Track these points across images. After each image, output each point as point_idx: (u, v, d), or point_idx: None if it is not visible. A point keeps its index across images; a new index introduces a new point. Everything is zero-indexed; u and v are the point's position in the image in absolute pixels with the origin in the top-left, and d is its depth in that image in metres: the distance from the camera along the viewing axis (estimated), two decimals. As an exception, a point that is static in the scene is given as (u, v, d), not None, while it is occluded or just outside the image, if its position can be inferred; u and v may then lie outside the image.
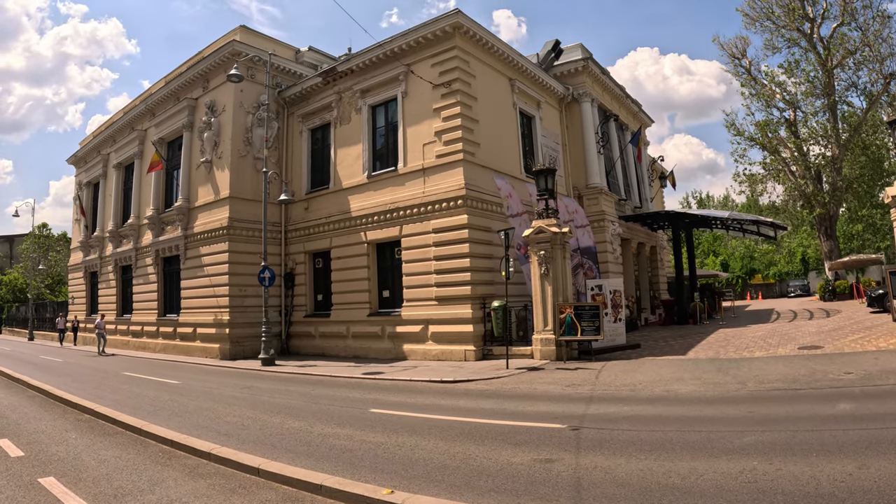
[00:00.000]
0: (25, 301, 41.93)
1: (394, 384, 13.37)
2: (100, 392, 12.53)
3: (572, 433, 7.27)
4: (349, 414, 9.60)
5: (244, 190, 21.19)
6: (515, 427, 7.84)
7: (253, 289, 20.74)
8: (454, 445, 6.98)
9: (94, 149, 30.64)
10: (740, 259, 50.25)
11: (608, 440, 6.85)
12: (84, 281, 30.85)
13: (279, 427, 8.59)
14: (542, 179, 17.03)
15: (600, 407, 8.95)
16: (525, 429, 7.70)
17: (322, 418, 9.24)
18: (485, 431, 7.70)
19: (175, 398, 11.68)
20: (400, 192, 18.47)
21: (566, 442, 6.88)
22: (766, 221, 23.88)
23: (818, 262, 43.34)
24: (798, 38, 30.56)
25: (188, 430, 8.33)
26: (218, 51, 21.58)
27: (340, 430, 8.20)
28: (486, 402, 10.12)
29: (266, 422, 9.05)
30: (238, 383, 14.18)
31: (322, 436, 7.90)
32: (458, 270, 16.91)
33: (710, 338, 18.50)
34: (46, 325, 35.99)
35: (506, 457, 6.32)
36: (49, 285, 47.87)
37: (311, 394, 12.20)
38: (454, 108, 17.65)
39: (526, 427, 7.78)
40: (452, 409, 9.60)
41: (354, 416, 9.33)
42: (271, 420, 9.19)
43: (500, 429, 7.81)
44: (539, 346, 15.63)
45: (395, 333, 18.08)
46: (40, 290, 42.27)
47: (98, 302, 29.11)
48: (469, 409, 9.56)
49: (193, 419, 9.32)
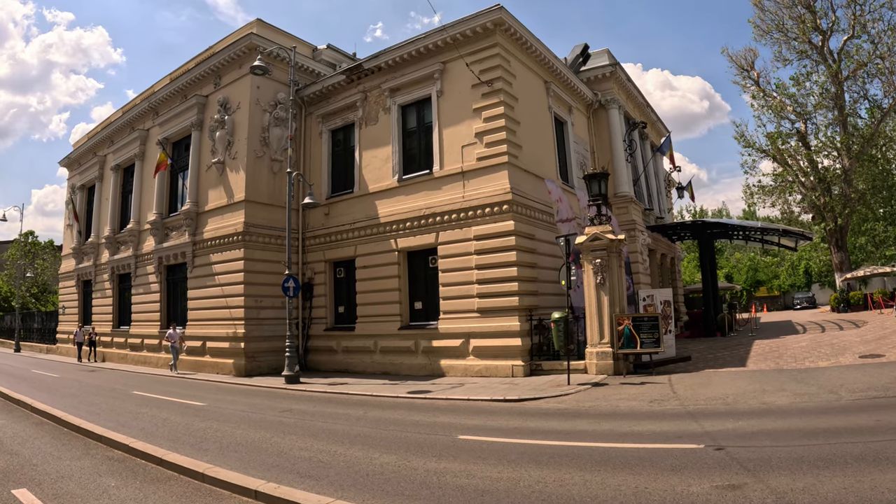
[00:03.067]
0: (10, 310, 38.91)
1: (452, 404, 11.81)
2: (119, 418, 10.60)
3: (718, 453, 6.39)
4: (437, 442, 8.07)
5: (260, 193, 19.35)
6: (650, 450, 6.80)
7: (269, 300, 18.89)
8: (606, 476, 5.87)
9: (89, 150, 28.34)
10: (745, 271, 49.73)
11: (768, 458, 6.05)
12: (76, 290, 28.37)
13: (368, 462, 6.96)
14: (595, 184, 15.72)
15: (714, 423, 8.02)
16: (663, 451, 6.68)
17: (410, 449, 7.68)
18: (620, 457, 6.57)
19: (212, 425, 9.84)
20: (435, 196, 16.88)
21: (726, 464, 5.99)
22: (795, 231, 22.98)
23: (821, 274, 43.07)
24: (808, 50, 30.03)
25: (258, 470, 6.62)
26: (233, 45, 19.80)
27: (449, 465, 6.66)
28: (580, 423, 8.93)
29: (346, 456, 7.36)
30: (273, 405, 12.34)
31: (431, 473, 6.37)
32: (503, 280, 15.35)
33: (755, 349, 17.60)
34: (34, 336, 33.19)
35: (678, 486, 5.39)
36: (35, 294, 44.65)
37: (368, 417, 10.50)
38: (497, 109, 16.18)
39: (662, 449, 6.78)
40: (550, 433, 8.34)
41: (446, 445, 7.81)
42: (350, 453, 7.50)
43: (633, 453, 6.72)
44: (595, 360, 14.28)
45: (430, 348, 16.40)
46: (26, 300, 39.17)
47: (92, 312, 26.72)
48: (569, 432, 8.32)
49: (254, 455, 7.53)
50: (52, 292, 47.14)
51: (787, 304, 44.34)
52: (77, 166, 29.60)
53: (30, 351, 32.10)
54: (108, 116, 27.48)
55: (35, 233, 49.29)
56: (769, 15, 30.70)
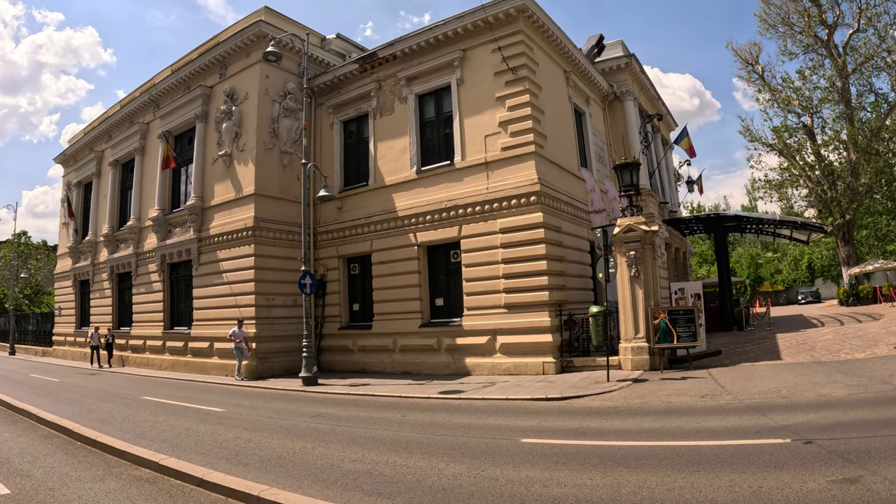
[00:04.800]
0: (3, 312, 37.17)
1: (492, 404, 10.96)
2: (136, 428, 9.50)
3: (810, 447, 6.04)
4: (501, 447, 7.30)
5: (270, 187, 18.26)
6: (738, 447, 6.33)
7: (281, 298, 17.84)
8: (711, 477, 5.35)
9: (86, 145, 26.95)
10: (747, 266, 49.23)
11: (866, 449, 5.71)
12: (73, 290, 26.98)
13: (437, 474, 6.11)
14: (627, 174, 14.91)
15: (785, 417, 7.60)
16: (752, 448, 6.23)
17: (476, 455, 6.85)
18: (711, 456, 6.06)
19: (242, 435, 8.80)
20: (457, 188, 15.93)
21: (826, 457, 5.64)
22: (813, 224, 22.39)
23: (823, 269, 42.73)
24: (814, 43, 29.50)
25: (316, 489, 5.74)
26: (239, 33, 18.68)
27: (530, 473, 5.96)
28: (642, 421, 8.36)
29: (409, 467, 6.47)
30: (299, 409, 11.33)
31: (516, 483, 5.66)
32: (532, 274, 14.46)
33: (782, 343, 17.07)
34: (29, 339, 31.65)
35: (793, 483, 4.99)
36: (28, 295, 42.81)
37: (409, 421, 9.58)
38: (522, 97, 15.28)
39: (750, 446, 6.33)
40: (616, 433, 7.74)
41: (513, 450, 7.05)
42: (411, 463, 6.61)
43: (722, 451, 6.23)
44: (630, 356, 13.52)
45: (454, 346, 15.45)
46: (19, 301, 37.44)
47: (90, 313, 25.38)
48: (637, 431, 7.74)
49: (304, 470, 6.54)
50: (46, 293, 45.39)
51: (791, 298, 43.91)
52: (73, 163, 28.18)
53: (25, 354, 30.58)
54: (106, 110, 26.16)
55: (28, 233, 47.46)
56: (774, 9, 30.17)
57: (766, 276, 49.77)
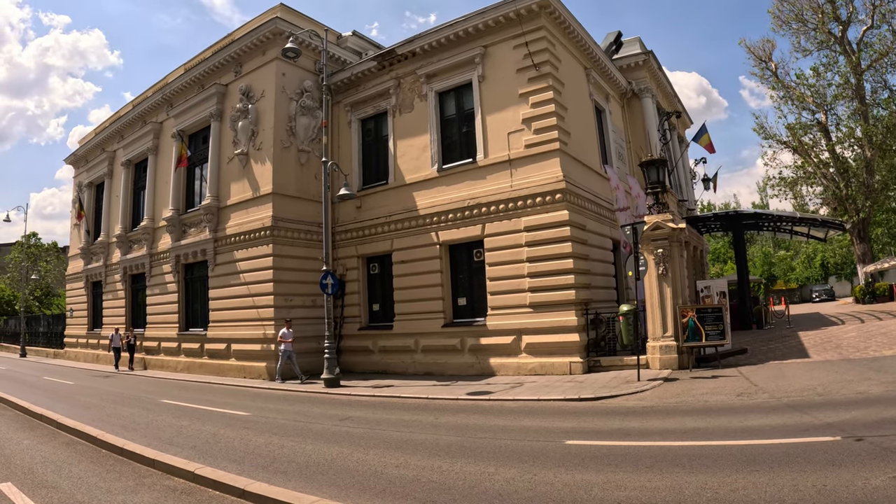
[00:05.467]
0: (13, 314, 36.84)
1: (524, 405, 10.66)
2: (161, 434, 9.13)
3: (862, 444, 5.90)
4: (547, 449, 7.06)
5: (288, 186, 17.92)
6: (789, 445, 6.15)
7: (300, 298, 17.49)
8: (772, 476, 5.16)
9: (97, 146, 26.62)
10: (760, 265, 48.75)
11: None
12: (85, 291, 26.65)
13: (489, 479, 5.85)
14: (654, 171, 14.57)
15: (828, 414, 7.42)
16: (804, 446, 6.10)
17: (523, 459, 6.60)
18: (765, 455, 5.85)
19: (273, 440, 8.45)
20: (480, 186, 15.58)
21: (882, 454, 5.53)
22: (833, 222, 22.00)
23: (837, 266, 42.29)
24: (828, 40, 29.12)
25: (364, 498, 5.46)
26: (255, 31, 18.34)
27: (586, 476, 5.78)
28: (685, 420, 8.11)
29: (457, 472, 6.18)
30: (326, 412, 11.00)
31: (575, 487, 5.46)
32: (558, 273, 14.11)
33: (806, 341, 16.85)
34: (40, 340, 31.32)
35: (856, 481, 4.84)
36: (38, 297, 42.48)
37: (443, 424, 9.26)
38: (545, 94, 14.93)
39: (802, 444, 6.18)
40: (661, 433, 7.53)
41: (561, 453, 6.81)
42: (458, 468, 6.31)
43: (775, 450, 6.01)
44: (658, 355, 13.22)
45: (478, 346, 15.10)
46: (29, 303, 37.10)
47: (102, 315, 25.06)
48: (683, 431, 7.50)
49: (347, 478, 6.19)
50: (55, 295, 45.10)
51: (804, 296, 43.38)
52: (84, 163, 27.85)
53: (36, 356, 30.27)
54: (118, 110, 25.83)
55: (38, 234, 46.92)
56: (788, 5, 29.79)
57: (779, 274, 49.26)
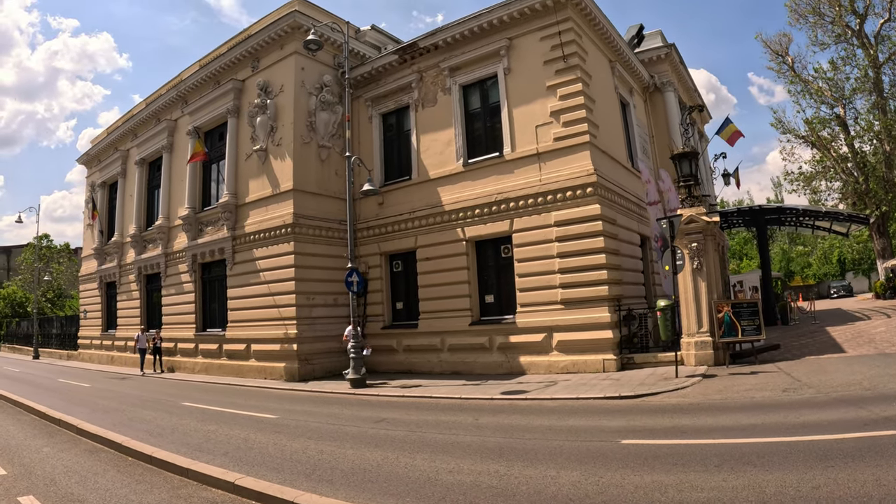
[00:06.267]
0: (25, 315, 36.44)
1: (564, 404, 10.24)
2: (188, 439, 8.53)
3: None
4: (604, 450, 6.71)
5: (308, 182, 17.47)
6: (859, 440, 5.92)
7: (321, 297, 17.05)
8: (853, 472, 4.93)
9: (110, 145, 26.22)
10: (777, 261, 48.00)
11: None
12: (99, 292, 26.24)
13: (554, 483, 5.50)
14: (686, 163, 14.17)
15: (884, 409, 7.18)
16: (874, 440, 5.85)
17: (584, 461, 6.23)
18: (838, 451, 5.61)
19: (310, 445, 7.91)
20: (507, 180, 15.12)
21: None
22: (860, 216, 21.51)
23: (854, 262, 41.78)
24: (846, 34, 28.61)
25: None
26: (273, 24, 17.89)
27: (658, 478, 5.36)
28: (738, 417, 7.74)
29: (517, 476, 5.80)
30: (358, 415, 10.52)
31: (650, 489, 5.09)
32: (590, 268, 13.65)
33: (837, 335, 16.64)
34: (53, 342, 30.92)
35: None
36: (50, 299, 42.11)
37: (486, 425, 8.81)
38: (574, 86, 14.47)
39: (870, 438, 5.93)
40: (717, 431, 7.16)
41: (620, 453, 6.47)
42: (516, 472, 5.93)
43: (846, 445, 5.80)
44: (693, 351, 12.85)
45: (507, 344, 14.63)
46: (41, 304, 36.68)
47: (117, 315, 24.64)
48: (741, 428, 7.12)
49: (402, 487, 5.72)
50: (68, 297, 44.73)
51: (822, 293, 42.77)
52: (97, 163, 27.45)
53: (49, 358, 29.89)
54: (131, 109, 25.43)
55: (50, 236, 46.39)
56: (804, -2, 29.27)
57: (796, 270, 48.65)
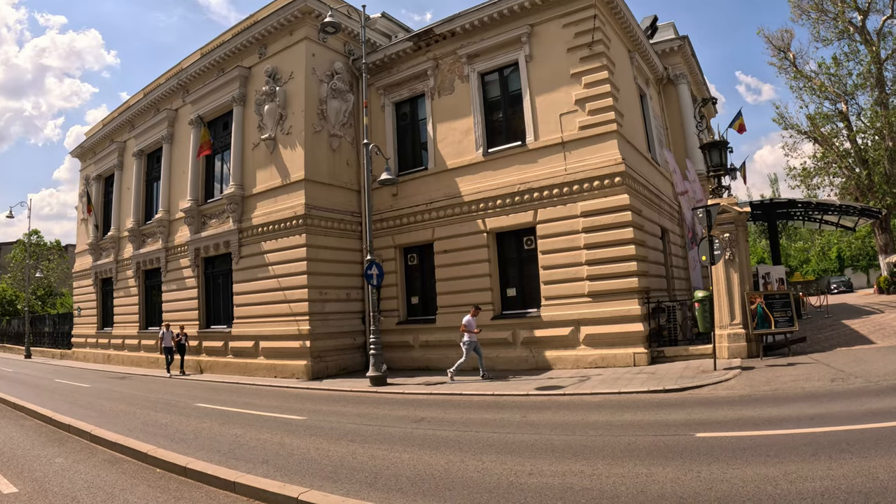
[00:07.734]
0: (15, 314, 35.06)
1: (606, 399, 9.79)
2: (218, 446, 7.68)
3: None
4: (684, 445, 6.32)
5: (320, 172, 16.73)
6: None
7: (334, 291, 16.34)
8: None
9: (105, 137, 25.15)
10: None
11: None
12: (94, 289, 25.16)
13: (651, 480, 5.10)
14: (716, 153, 13.70)
15: None
16: None
17: (671, 457, 5.81)
18: None
19: (356, 450, 7.15)
20: (530, 170, 14.53)
21: None
22: (871, 209, 21.35)
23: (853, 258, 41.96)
24: (848, 30, 28.53)
25: None
26: (282, 10, 17.10)
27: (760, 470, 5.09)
28: (802, 407, 7.50)
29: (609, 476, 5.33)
30: (393, 414, 9.86)
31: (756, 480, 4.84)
32: (619, 260, 13.14)
33: (858, 327, 16.29)
34: (45, 341, 29.69)
35: None
36: (41, 296, 40.59)
37: (537, 422, 8.30)
38: (600, 73, 13.93)
39: None
40: (790, 420, 6.92)
41: (702, 448, 6.12)
42: (604, 471, 5.49)
43: None
44: (726, 343, 12.46)
45: (532, 339, 14.05)
46: (32, 303, 35.23)
47: (113, 313, 23.63)
48: (810, 418, 6.90)
49: (483, 492, 5.12)
50: (58, 294, 43.19)
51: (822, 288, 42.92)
52: (91, 155, 26.33)
53: (42, 357, 28.67)
54: (128, 99, 24.38)
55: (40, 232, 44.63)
56: (808, -7, 29.11)
57: (794, 265, 48.77)
